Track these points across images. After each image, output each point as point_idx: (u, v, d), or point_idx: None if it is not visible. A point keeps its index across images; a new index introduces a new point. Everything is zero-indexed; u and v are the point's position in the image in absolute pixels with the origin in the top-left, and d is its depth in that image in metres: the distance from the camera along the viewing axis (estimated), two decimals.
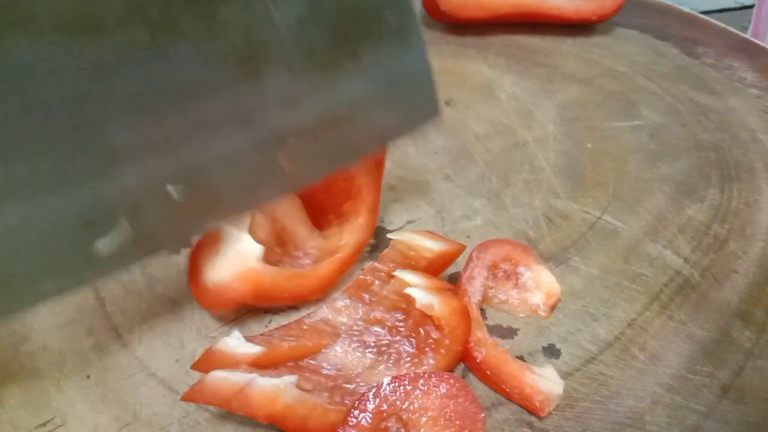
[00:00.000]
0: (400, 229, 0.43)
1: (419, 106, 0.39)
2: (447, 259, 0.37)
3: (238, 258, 0.34)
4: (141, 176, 0.29)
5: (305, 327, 0.35)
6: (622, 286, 0.39)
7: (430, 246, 0.37)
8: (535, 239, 0.42)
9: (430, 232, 0.38)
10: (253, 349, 0.31)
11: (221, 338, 0.32)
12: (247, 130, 0.32)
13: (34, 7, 0.25)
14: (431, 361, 0.33)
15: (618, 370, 0.34)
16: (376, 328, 0.35)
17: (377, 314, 0.35)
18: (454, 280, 0.38)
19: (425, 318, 0.33)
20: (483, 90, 0.58)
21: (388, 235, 0.38)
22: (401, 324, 0.34)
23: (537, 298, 0.38)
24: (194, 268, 0.36)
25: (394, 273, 0.35)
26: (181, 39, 0.29)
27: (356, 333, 0.35)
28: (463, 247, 0.38)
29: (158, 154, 0.30)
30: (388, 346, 0.34)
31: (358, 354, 0.34)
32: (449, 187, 0.47)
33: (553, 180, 0.47)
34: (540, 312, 0.37)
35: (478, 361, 0.33)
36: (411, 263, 0.37)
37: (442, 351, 0.33)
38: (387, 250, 0.37)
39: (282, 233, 0.38)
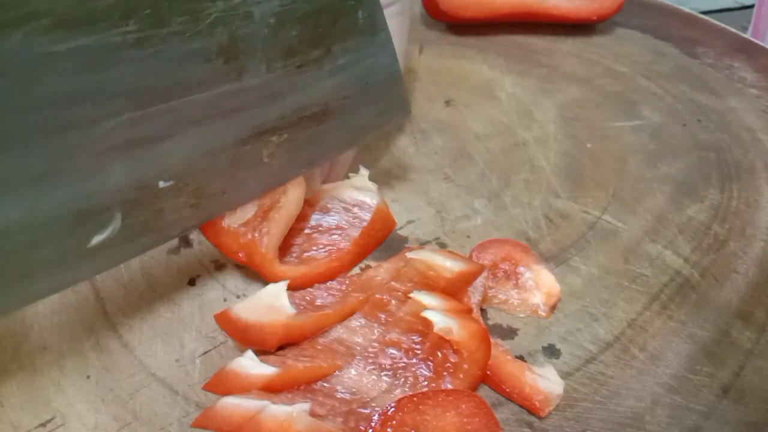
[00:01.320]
0: (400, 229, 0.43)
1: (390, 103, 0.40)
2: (467, 280, 0.36)
3: (271, 312, 0.33)
4: (132, 171, 0.30)
5: (319, 347, 0.34)
6: (622, 286, 0.39)
7: (450, 266, 0.35)
8: (535, 239, 0.42)
9: (450, 251, 0.37)
10: (267, 371, 0.31)
11: (235, 359, 0.32)
12: (230, 126, 0.33)
13: (33, 4, 0.25)
14: (449, 386, 0.32)
15: (618, 370, 0.34)
16: (392, 350, 0.34)
17: (393, 336, 0.34)
18: None
19: (443, 341, 0.32)
20: (483, 90, 0.58)
21: (408, 254, 0.37)
22: (418, 346, 0.33)
23: (537, 298, 0.38)
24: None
25: (411, 295, 0.34)
26: (169, 36, 0.29)
27: (371, 355, 0.34)
28: (483, 268, 0.37)
29: (148, 149, 0.30)
30: (404, 369, 0.33)
31: (374, 377, 0.33)
32: (449, 187, 0.47)
33: (553, 180, 0.47)
34: (540, 312, 0.37)
35: (488, 366, 0.33)
36: (429, 283, 0.36)
37: (461, 375, 0.32)
38: (405, 268, 0.37)
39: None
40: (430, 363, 0.33)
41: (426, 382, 0.32)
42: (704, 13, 0.69)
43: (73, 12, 0.26)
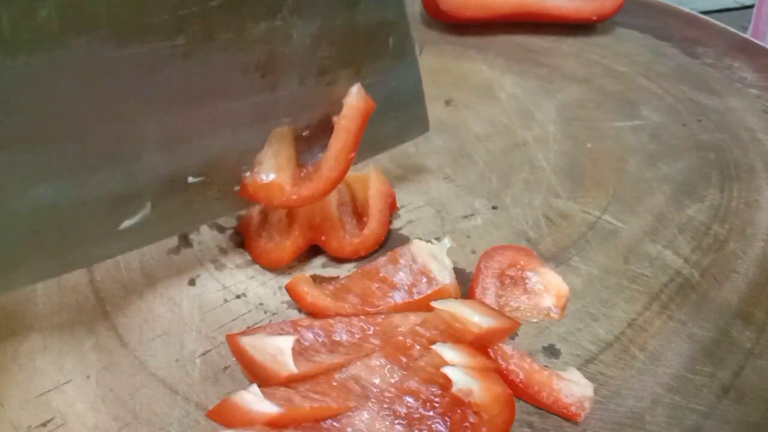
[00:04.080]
0: (400, 229, 0.43)
1: (410, 120, 0.44)
2: (497, 336, 0.34)
3: (275, 362, 0.32)
4: (166, 164, 0.33)
5: (334, 383, 0.32)
6: (622, 286, 0.39)
7: (477, 321, 0.33)
8: (535, 239, 0.42)
9: (482, 303, 0.35)
10: (270, 409, 0.29)
11: (240, 391, 0.30)
12: (260, 131, 0.36)
13: (96, 16, 0.29)
14: None
15: (618, 370, 0.34)
16: (409, 399, 0.31)
17: (412, 384, 0.32)
18: (464, 287, 0.38)
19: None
20: (483, 90, 0.58)
21: (433, 303, 0.34)
22: (437, 399, 0.31)
23: (548, 301, 0.37)
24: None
25: (433, 347, 0.32)
26: (213, 50, 0.32)
27: (387, 400, 0.31)
28: (516, 325, 0.34)
29: (183, 146, 0.33)
30: (419, 420, 0.31)
31: (387, 423, 0.30)
32: (449, 187, 0.47)
33: (553, 180, 0.47)
34: (552, 314, 0.37)
35: (519, 379, 0.32)
36: (456, 335, 0.33)
37: None
38: (431, 315, 0.34)
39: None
40: (447, 419, 0.31)
41: None
42: (704, 13, 0.69)
43: (131, 24, 0.29)
